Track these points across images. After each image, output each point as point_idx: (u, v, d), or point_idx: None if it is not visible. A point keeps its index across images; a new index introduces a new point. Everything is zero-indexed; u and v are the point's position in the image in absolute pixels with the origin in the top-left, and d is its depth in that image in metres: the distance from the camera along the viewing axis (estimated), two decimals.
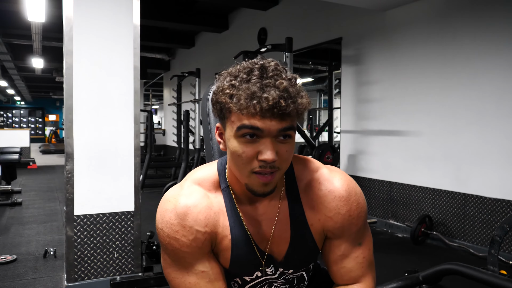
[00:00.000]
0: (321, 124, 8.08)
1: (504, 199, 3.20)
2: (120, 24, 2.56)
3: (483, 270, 2.14)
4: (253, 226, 0.90)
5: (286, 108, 0.75)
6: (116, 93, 2.58)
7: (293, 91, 0.77)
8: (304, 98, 0.79)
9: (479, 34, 3.33)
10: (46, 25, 5.95)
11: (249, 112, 0.75)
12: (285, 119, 0.76)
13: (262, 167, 0.78)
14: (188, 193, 0.88)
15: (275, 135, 0.77)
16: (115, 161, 2.60)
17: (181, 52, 9.49)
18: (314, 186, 0.91)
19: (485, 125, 3.31)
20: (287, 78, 0.78)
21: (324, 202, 0.90)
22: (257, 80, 0.76)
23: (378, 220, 4.30)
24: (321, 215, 0.90)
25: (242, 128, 0.77)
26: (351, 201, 0.90)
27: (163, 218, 0.86)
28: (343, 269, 0.94)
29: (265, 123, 0.75)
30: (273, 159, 0.77)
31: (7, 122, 21.74)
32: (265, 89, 0.75)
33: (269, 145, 0.77)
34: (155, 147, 10.18)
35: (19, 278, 2.83)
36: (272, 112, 0.75)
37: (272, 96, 0.74)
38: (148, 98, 14.09)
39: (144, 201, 2.82)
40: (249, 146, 0.78)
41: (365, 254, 0.94)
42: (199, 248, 0.86)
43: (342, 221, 0.89)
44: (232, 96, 0.77)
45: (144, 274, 2.69)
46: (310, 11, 5.08)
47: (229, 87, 0.78)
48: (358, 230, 0.92)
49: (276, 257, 0.92)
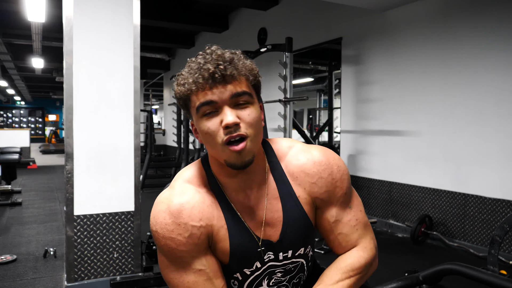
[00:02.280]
0: (321, 124, 8.08)
1: (504, 199, 3.20)
2: (120, 24, 2.56)
3: (483, 270, 2.14)
4: (247, 214, 0.92)
5: (225, 70, 0.82)
6: (116, 93, 2.58)
7: (229, 56, 0.84)
8: (244, 60, 0.86)
9: (479, 34, 3.33)
10: (46, 25, 5.95)
11: (198, 88, 0.82)
12: (230, 82, 0.82)
13: (228, 134, 0.82)
14: (180, 192, 0.90)
15: (230, 103, 0.83)
16: (115, 161, 2.60)
17: (181, 52, 9.49)
18: (294, 158, 0.95)
19: (485, 125, 3.31)
20: (225, 51, 0.86)
21: (305, 170, 0.93)
22: (199, 61, 0.85)
23: (378, 220, 4.30)
24: (305, 183, 0.93)
25: (200, 107, 0.83)
26: (331, 165, 0.94)
27: (157, 219, 0.88)
28: (339, 235, 0.96)
29: (215, 93, 0.82)
30: (234, 121, 0.81)
31: (7, 122, 21.74)
32: (205, 63, 0.83)
33: (227, 111, 0.82)
34: (155, 147, 10.19)
35: (19, 278, 2.83)
36: (214, 78, 0.82)
37: (211, 64, 0.82)
38: (148, 98, 14.09)
39: (144, 201, 2.82)
40: (211, 120, 0.83)
41: (357, 216, 0.97)
42: (195, 245, 0.87)
43: (326, 185, 0.93)
44: (184, 83, 0.85)
45: (144, 274, 2.69)
46: (310, 11, 5.08)
47: (182, 79, 0.87)
48: (344, 193, 0.95)
49: (272, 240, 0.93)
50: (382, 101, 4.22)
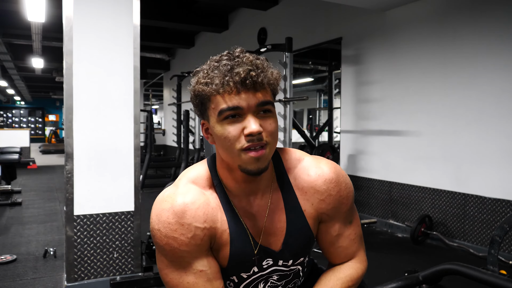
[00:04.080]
0: (321, 124, 8.09)
1: (504, 199, 3.20)
2: (120, 24, 2.56)
3: (483, 270, 2.13)
4: (249, 220, 0.92)
5: (257, 77, 0.81)
6: (116, 93, 2.58)
7: (260, 63, 0.83)
8: (272, 69, 0.86)
9: (479, 34, 3.33)
10: (46, 25, 5.95)
11: (225, 91, 0.80)
12: (259, 90, 0.82)
13: (250, 141, 0.81)
14: (184, 192, 0.88)
15: (254, 110, 0.82)
16: (115, 161, 2.60)
17: (181, 52, 9.48)
18: (303, 173, 0.95)
19: (485, 125, 3.31)
20: (253, 56, 0.85)
21: (315, 186, 0.94)
22: (226, 62, 0.82)
23: (378, 220, 4.30)
24: (314, 199, 0.94)
25: (223, 111, 0.81)
26: (340, 182, 0.95)
27: (160, 218, 0.86)
28: (339, 248, 0.98)
29: (242, 98, 0.80)
30: (259, 130, 0.80)
31: (7, 122, 21.73)
32: (235, 66, 0.81)
33: (252, 119, 0.81)
34: (155, 147, 10.18)
35: (19, 278, 2.83)
36: (245, 84, 0.80)
37: (242, 69, 0.80)
38: (148, 98, 14.08)
39: (144, 201, 2.82)
40: (233, 125, 0.82)
41: (356, 230, 1.00)
42: (197, 246, 0.86)
43: (334, 202, 0.94)
44: (207, 83, 0.82)
45: (144, 274, 2.69)
46: (310, 11, 5.08)
47: (203, 77, 0.84)
48: (348, 209, 0.97)
49: (273, 249, 0.93)
50: (382, 101, 4.22)
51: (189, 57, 8.92)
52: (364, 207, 4.50)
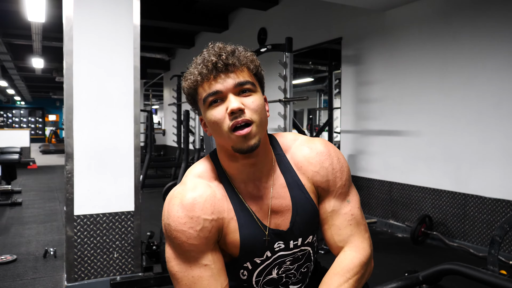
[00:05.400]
0: (321, 124, 8.08)
1: (504, 199, 3.20)
2: (120, 24, 2.56)
3: (483, 270, 2.14)
4: (255, 204, 0.95)
5: (227, 59, 0.87)
6: (116, 93, 2.58)
7: (230, 48, 0.90)
8: (244, 52, 0.92)
9: (479, 34, 3.33)
10: (46, 25, 5.95)
11: (204, 80, 0.88)
12: (233, 71, 0.88)
13: (234, 119, 0.86)
14: (192, 187, 0.93)
15: (234, 91, 0.88)
16: (115, 161, 2.60)
17: (181, 52, 9.49)
18: (298, 149, 1.01)
19: (485, 125, 3.31)
20: (224, 43, 0.92)
21: (309, 159, 0.99)
22: (203, 55, 0.90)
23: (378, 220, 4.30)
24: (309, 172, 0.99)
25: (206, 98, 0.88)
26: (332, 156, 1.00)
27: (170, 213, 0.90)
28: (333, 226, 0.99)
29: (219, 82, 0.87)
30: (238, 106, 0.86)
31: (7, 122, 21.73)
32: (209, 56, 0.89)
33: (232, 98, 0.87)
34: (155, 147, 10.18)
35: (19, 278, 2.83)
36: (218, 68, 0.87)
37: (213, 55, 0.88)
38: (148, 98, 14.08)
39: (144, 201, 2.82)
40: (217, 108, 0.88)
41: (353, 211, 1.00)
42: (205, 239, 0.89)
43: (327, 174, 0.98)
44: (190, 79, 0.91)
45: (144, 274, 2.69)
46: (310, 11, 5.08)
47: (188, 74, 0.92)
48: (343, 185, 1.00)
49: (282, 229, 0.96)
50: (382, 101, 4.22)
51: (189, 57, 8.71)
52: (364, 207, 4.50)
